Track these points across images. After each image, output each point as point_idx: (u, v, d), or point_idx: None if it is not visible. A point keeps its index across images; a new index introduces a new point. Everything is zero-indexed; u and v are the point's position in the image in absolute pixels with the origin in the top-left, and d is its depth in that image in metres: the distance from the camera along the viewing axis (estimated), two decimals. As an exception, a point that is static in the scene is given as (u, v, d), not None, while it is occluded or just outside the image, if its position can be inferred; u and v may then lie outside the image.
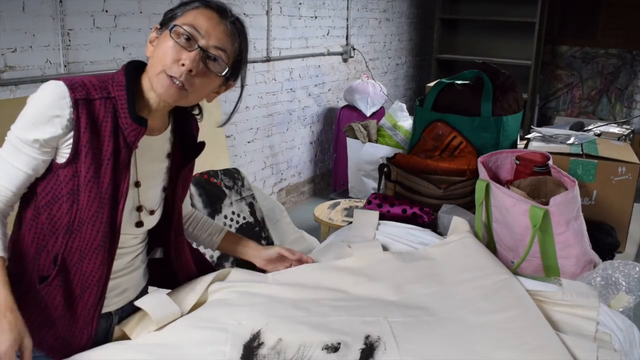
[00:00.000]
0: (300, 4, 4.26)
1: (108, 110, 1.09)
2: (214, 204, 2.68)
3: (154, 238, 1.33)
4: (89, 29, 2.77)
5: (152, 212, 1.23)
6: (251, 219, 3.06)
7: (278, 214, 3.27)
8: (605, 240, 1.74)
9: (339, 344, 1.06)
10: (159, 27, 1.13)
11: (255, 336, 1.10)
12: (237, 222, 2.85)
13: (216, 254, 2.50)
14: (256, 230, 3.05)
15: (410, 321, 1.15)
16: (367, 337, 1.09)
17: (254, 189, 3.14)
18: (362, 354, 1.04)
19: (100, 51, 2.82)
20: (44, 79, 2.54)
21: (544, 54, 5.64)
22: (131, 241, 1.24)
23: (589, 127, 2.52)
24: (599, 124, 2.66)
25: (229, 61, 1.13)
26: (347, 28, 4.86)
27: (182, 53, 1.07)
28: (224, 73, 1.13)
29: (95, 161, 1.09)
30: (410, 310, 1.19)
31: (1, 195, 1.11)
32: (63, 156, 1.09)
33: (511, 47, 5.65)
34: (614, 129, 2.53)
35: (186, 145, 1.26)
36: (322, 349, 1.05)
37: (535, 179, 1.48)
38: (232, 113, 1.27)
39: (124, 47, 2.91)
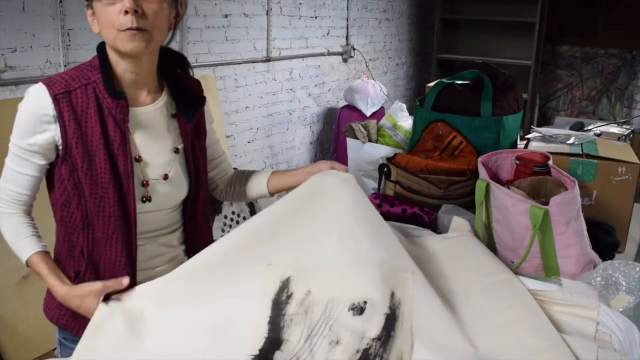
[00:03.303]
0: (300, 4, 4.26)
1: (90, 96, 1.12)
2: (213, 203, 2.68)
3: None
4: (89, 29, 2.77)
5: (165, 177, 1.21)
6: (251, 219, 3.06)
7: (278, 214, 3.27)
8: (605, 240, 1.74)
9: (365, 303, 1.02)
10: (86, 3, 1.14)
11: (285, 284, 1.04)
12: (237, 222, 2.85)
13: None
14: (256, 230, 3.06)
15: (427, 297, 1.11)
16: (392, 296, 1.04)
17: (254, 189, 3.15)
18: (386, 320, 1.01)
19: (100, 51, 2.82)
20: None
21: (544, 54, 5.63)
22: (158, 223, 1.24)
23: (589, 127, 2.52)
24: (599, 124, 2.66)
25: None
26: (347, 28, 4.86)
27: (117, 4, 1.07)
28: None
29: (87, 149, 1.11)
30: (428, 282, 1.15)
31: (19, 200, 1.18)
32: (60, 154, 1.13)
33: (511, 47, 5.65)
34: (614, 129, 2.53)
35: (190, 105, 1.25)
36: (349, 309, 1.01)
37: (535, 179, 1.48)
38: (173, 31, 1.20)
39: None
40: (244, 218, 3.04)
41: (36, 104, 1.10)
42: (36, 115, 1.10)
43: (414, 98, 5.78)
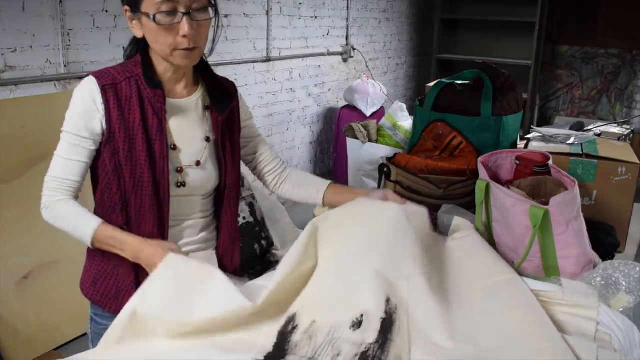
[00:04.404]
0: (300, 4, 4.26)
1: (133, 87, 1.25)
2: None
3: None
4: (89, 29, 2.77)
5: (197, 163, 1.32)
6: (251, 219, 3.06)
7: (278, 214, 3.27)
8: (605, 240, 1.74)
9: (362, 316, 1.06)
10: (128, 8, 1.24)
11: (291, 319, 1.10)
12: (237, 222, 2.85)
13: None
14: (256, 230, 3.06)
15: (425, 299, 1.14)
16: (387, 301, 1.09)
17: (254, 189, 3.15)
18: (382, 324, 1.05)
19: (100, 51, 2.82)
20: (44, 79, 2.54)
21: (544, 54, 5.64)
22: (191, 207, 1.35)
23: (589, 127, 2.52)
24: (599, 124, 2.66)
25: (208, 3, 1.24)
26: (347, 28, 4.86)
27: (176, 29, 1.19)
28: (212, 15, 1.25)
29: (128, 134, 1.24)
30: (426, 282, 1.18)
31: (71, 187, 1.25)
32: (104, 139, 1.24)
33: (511, 47, 5.65)
34: (614, 129, 2.53)
35: (223, 100, 1.38)
36: (350, 327, 1.05)
37: (535, 179, 1.48)
38: (214, 42, 1.34)
39: (123, 47, 2.91)
40: (244, 218, 3.04)
41: (87, 94, 1.23)
42: (87, 104, 1.22)
43: (414, 98, 5.78)
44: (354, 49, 4.93)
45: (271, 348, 1.04)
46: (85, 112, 1.23)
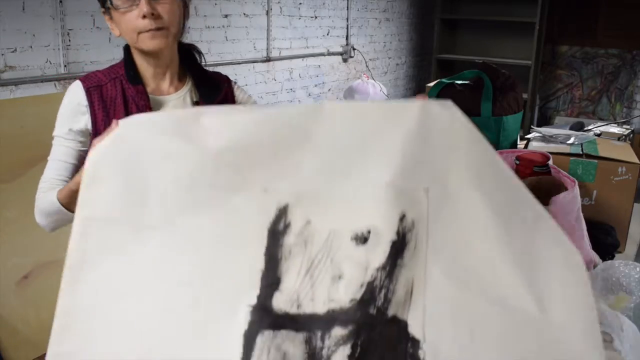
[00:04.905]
0: (300, 4, 4.26)
1: (117, 88, 1.26)
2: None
3: None
4: (89, 29, 2.77)
5: None
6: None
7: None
8: (605, 240, 1.74)
9: (369, 232, 0.93)
10: (103, 10, 1.26)
11: (282, 212, 0.95)
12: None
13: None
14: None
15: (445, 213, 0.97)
16: (401, 219, 0.94)
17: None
18: (392, 248, 0.92)
19: (100, 51, 2.82)
20: (44, 79, 2.54)
21: (544, 54, 5.64)
22: None
23: (589, 127, 2.52)
24: (599, 124, 2.66)
25: None
26: (347, 28, 4.86)
27: (135, 11, 1.19)
28: None
29: None
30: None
31: (58, 185, 1.24)
32: (91, 140, 1.25)
33: (511, 47, 5.65)
34: (614, 129, 2.53)
35: (212, 94, 1.38)
36: (352, 239, 0.93)
37: (535, 179, 1.48)
38: (184, 22, 1.31)
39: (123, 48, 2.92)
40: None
41: (72, 97, 1.25)
42: (72, 106, 1.25)
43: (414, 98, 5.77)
44: (354, 49, 4.93)
45: (263, 256, 0.92)
46: (70, 114, 1.25)
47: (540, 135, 2.19)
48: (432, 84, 2.56)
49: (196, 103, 1.35)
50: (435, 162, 0.97)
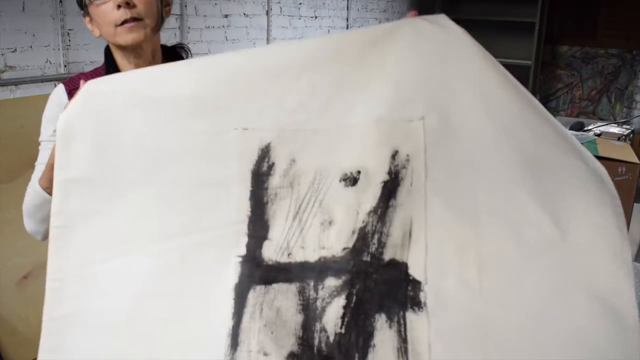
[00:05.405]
0: (300, 4, 4.26)
1: None
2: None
3: None
4: (89, 29, 2.77)
5: None
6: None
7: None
8: (605, 240, 1.74)
9: (359, 172, 0.87)
10: (82, 12, 1.25)
11: (265, 152, 0.89)
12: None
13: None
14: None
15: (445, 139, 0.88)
16: (393, 156, 0.87)
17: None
18: (383, 189, 0.86)
19: (100, 51, 2.80)
20: (44, 79, 2.54)
21: (544, 54, 5.63)
22: None
23: (589, 127, 2.52)
24: (599, 124, 2.66)
25: None
26: (347, 28, 4.86)
27: (110, 2, 1.16)
28: None
29: None
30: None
31: None
32: None
33: (511, 47, 5.65)
34: (614, 129, 2.53)
35: None
36: (341, 180, 0.88)
37: (535, 179, 1.47)
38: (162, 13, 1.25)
39: (124, 47, 2.92)
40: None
41: (55, 100, 1.26)
42: (54, 109, 1.24)
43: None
44: (354, 49, 4.94)
45: (248, 201, 0.87)
46: (54, 116, 1.20)
47: (540, 135, 2.19)
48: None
49: None
50: (431, 86, 0.87)
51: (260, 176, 0.88)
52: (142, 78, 0.94)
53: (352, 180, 0.87)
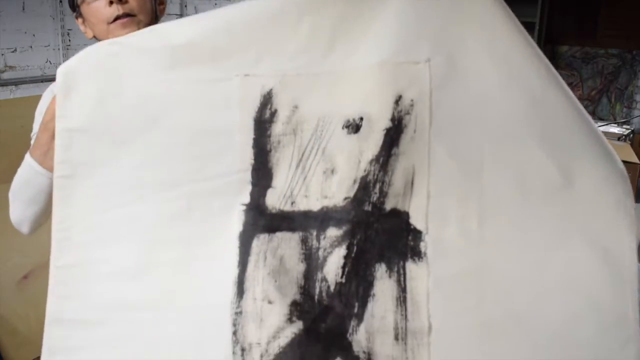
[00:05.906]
0: (300, 4, 4.26)
1: None
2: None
3: None
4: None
5: None
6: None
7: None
8: (605, 240, 1.73)
9: (361, 119, 0.86)
10: (74, 14, 1.21)
11: (267, 99, 0.88)
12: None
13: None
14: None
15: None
16: (397, 102, 0.85)
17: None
18: (385, 136, 0.85)
19: (100, 51, 2.82)
20: (44, 79, 2.54)
21: (544, 53, 5.62)
22: None
23: (589, 127, 2.52)
24: (599, 124, 2.66)
25: None
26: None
27: (102, 0, 1.13)
28: None
29: None
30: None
31: None
32: None
33: (511, 47, 5.65)
34: (614, 129, 2.53)
35: None
36: (343, 127, 0.86)
37: (535, 179, 1.48)
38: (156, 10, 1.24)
39: (124, 47, 2.92)
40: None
41: (48, 96, 1.20)
42: (47, 106, 1.20)
43: None
44: (354, 49, 4.93)
45: (251, 149, 0.86)
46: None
47: (540, 135, 2.19)
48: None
49: None
50: (438, 28, 0.85)
51: (262, 124, 0.88)
52: (142, 34, 0.95)
53: (354, 127, 0.86)
